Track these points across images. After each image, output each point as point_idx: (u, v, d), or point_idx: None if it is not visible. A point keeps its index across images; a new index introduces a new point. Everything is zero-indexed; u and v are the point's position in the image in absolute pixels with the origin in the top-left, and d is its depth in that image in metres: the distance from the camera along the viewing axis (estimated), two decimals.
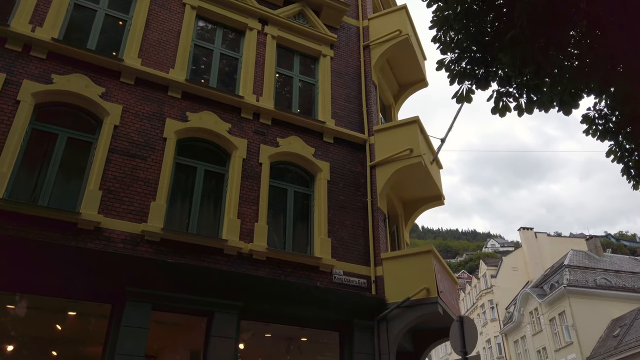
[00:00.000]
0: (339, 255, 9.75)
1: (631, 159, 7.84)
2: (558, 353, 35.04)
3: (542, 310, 37.45)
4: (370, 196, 10.70)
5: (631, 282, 36.35)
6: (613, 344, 29.90)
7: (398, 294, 9.31)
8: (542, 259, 47.25)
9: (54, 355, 7.70)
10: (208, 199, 9.35)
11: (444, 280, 9.97)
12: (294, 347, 9.12)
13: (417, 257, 9.70)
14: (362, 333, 9.11)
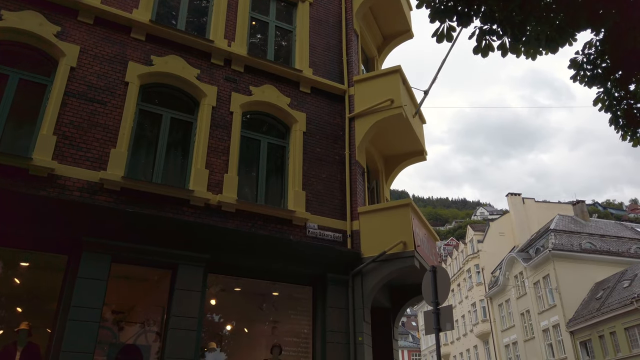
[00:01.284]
0: (314, 209, 9.37)
1: (620, 108, 7.45)
2: (541, 315, 35.57)
3: (526, 274, 37.81)
4: (348, 149, 10.26)
5: (616, 246, 36.67)
6: (595, 306, 30.31)
7: (374, 248, 8.99)
8: (528, 224, 47.50)
9: (6, 308, 7.32)
10: (174, 148, 8.85)
11: (422, 235, 9.65)
12: (266, 302, 8.81)
13: (394, 210, 9.34)
14: (336, 287, 8.83)
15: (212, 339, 8.00)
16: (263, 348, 8.41)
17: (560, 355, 33.00)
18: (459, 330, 52.81)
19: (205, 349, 7.81)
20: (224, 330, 8.36)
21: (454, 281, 54.73)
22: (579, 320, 30.90)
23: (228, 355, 8.27)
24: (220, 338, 8.15)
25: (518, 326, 39.31)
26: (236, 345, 8.32)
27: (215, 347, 7.90)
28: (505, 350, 41.85)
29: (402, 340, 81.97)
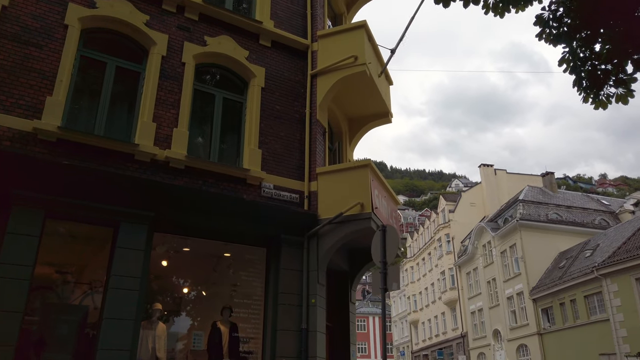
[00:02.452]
0: (270, 168, 8.98)
1: (584, 69, 7.19)
2: (506, 283, 36.40)
3: (494, 243, 38.48)
4: (309, 107, 9.82)
5: (581, 217, 37.49)
6: (558, 274, 31.07)
7: (332, 210, 8.70)
8: (499, 195, 48.16)
9: None
10: (120, 99, 8.28)
11: (382, 198, 9.40)
12: (217, 263, 8.49)
13: (353, 171, 9.03)
14: (291, 249, 8.55)
15: (157, 300, 7.67)
16: (213, 310, 8.13)
17: (523, 321, 33.97)
18: (427, 297, 53.98)
19: (150, 310, 7.48)
20: (172, 291, 8.03)
21: (425, 249, 55.63)
22: (542, 288, 31.71)
23: (176, 316, 7.97)
24: (166, 299, 7.82)
25: (484, 294, 40.25)
26: (184, 306, 8.02)
27: (161, 308, 7.57)
28: (471, 317, 42.95)
29: (374, 307, 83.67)
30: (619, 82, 6.97)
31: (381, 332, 14.85)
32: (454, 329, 46.50)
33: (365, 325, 77.96)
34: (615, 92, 6.98)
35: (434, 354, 50.48)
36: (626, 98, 7.03)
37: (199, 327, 8.01)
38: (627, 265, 24.04)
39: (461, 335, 44.40)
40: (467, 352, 42.91)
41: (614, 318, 24.79)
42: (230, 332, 7.95)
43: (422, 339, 55.41)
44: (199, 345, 7.67)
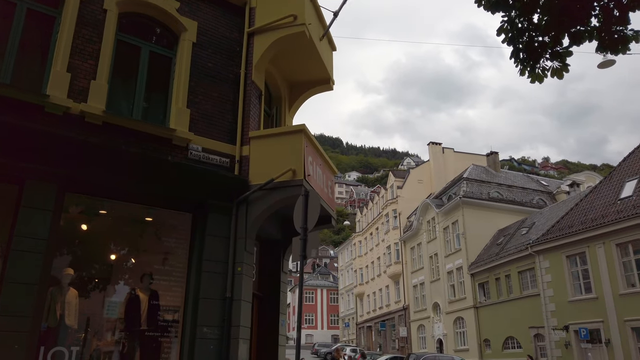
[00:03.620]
0: (200, 130, 8.48)
1: (522, 40, 7.05)
2: (447, 259, 37.52)
3: (438, 219, 39.43)
4: (244, 67, 9.31)
5: (521, 196, 38.91)
6: (495, 251, 32.24)
7: (264, 176, 8.33)
8: (446, 172, 49.24)
9: None
10: (31, 46, 7.48)
11: (316, 166, 9.11)
12: (138, 227, 7.97)
13: (287, 136, 8.66)
14: (219, 215, 8.16)
15: (69, 265, 7.11)
16: (132, 276, 7.67)
17: (461, 295, 35.22)
18: (374, 271, 55.06)
19: (60, 275, 6.93)
20: (86, 256, 7.48)
21: (373, 224, 56.45)
22: (480, 263, 32.85)
23: (90, 283, 7.45)
24: (80, 264, 7.27)
25: (426, 268, 41.39)
26: (100, 272, 7.50)
27: (72, 273, 7.03)
28: (413, 290, 44.19)
29: (323, 280, 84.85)
30: (554, 55, 6.89)
31: (298, 302, 13.73)
32: (396, 301, 47.78)
33: (313, 297, 79.06)
34: (551, 65, 6.92)
35: (377, 325, 51.84)
36: (561, 72, 6.98)
37: (116, 295, 7.53)
38: (559, 243, 25.14)
39: (403, 308, 45.70)
40: (407, 324, 44.26)
41: (544, 293, 26.00)
42: (150, 300, 7.53)
43: (367, 311, 56.73)
44: (113, 314, 7.22)
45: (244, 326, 7.75)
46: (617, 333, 21.67)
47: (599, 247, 23.04)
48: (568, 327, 23.86)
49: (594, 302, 23.01)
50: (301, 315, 6.60)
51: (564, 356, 24.31)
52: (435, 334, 38.79)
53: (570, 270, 24.74)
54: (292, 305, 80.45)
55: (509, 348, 29.70)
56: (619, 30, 6.82)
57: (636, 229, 21.35)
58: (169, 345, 7.53)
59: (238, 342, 7.52)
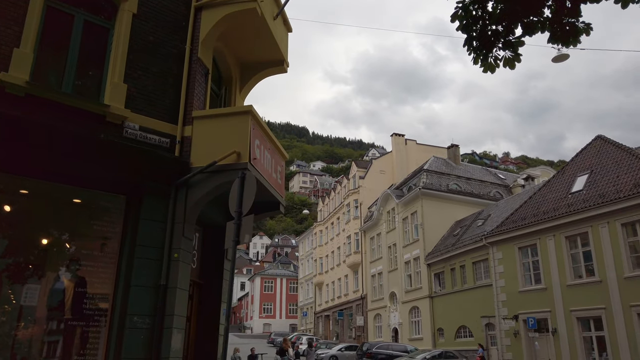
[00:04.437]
0: (138, 107, 7.93)
1: (476, 28, 6.90)
2: (405, 249, 37.87)
3: (398, 210, 39.71)
4: (190, 43, 8.79)
5: (478, 189, 39.60)
6: (452, 242, 32.71)
7: (207, 158, 7.88)
8: (408, 164, 49.67)
9: None
10: None
11: (264, 149, 8.72)
12: (64, 209, 7.40)
13: (233, 117, 8.24)
14: (155, 198, 7.68)
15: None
16: (56, 261, 7.11)
17: (417, 285, 35.65)
18: (333, 260, 55.18)
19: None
20: (4, 238, 6.88)
21: (334, 214, 56.47)
22: (436, 254, 33.28)
23: (9, 267, 6.86)
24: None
25: (385, 258, 41.72)
26: (21, 257, 6.92)
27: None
28: (371, 280, 44.51)
29: (283, 269, 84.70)
30: (507, 45, 6.83)
31: (229, 290, 13.04)
32: (355, 291, 48.07)
33: (273, 286, 78.86)
34: (504, 55, 6.86)
35: (334, 314, 52.07)
36: (513, 62, 6.93)
37: (39, 281, 6.97)
38: (512, 234, 25.67)
39: (361, 297, 46.01)
40: (365, 313, 44.60)
41: (496, 283, 26.56)
42: (76, 287, 7.01)
43: (325, 300, 56.91)
44: (34, 302, 6.67)
45: (179, 315, 7.34)
46: (564, 322, 22.35)
47: (550, 240, 23.63)
48: (518, 317, 24.45)
49: (542, 293, 23.63)
50: (230, 305, 6.25)
51: (513, 345, 24.93)
52: (391, 323, 39.22)
53: (522, 261, 25.32)
54: (251, 295, 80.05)
55: (461, 337, 30.30)
56: (571, 22, 6.79)
57: (585, 222, 21.98)
58: (96, 336, 7.04)
59: (171, 331, 7.11)
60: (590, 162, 24.62)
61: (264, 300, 77.15)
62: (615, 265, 20.51)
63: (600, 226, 21.34)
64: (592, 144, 25.73)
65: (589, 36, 6.75)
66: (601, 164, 23.73)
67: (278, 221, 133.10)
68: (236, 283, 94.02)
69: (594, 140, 25.85)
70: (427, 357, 23.76)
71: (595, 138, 25.87)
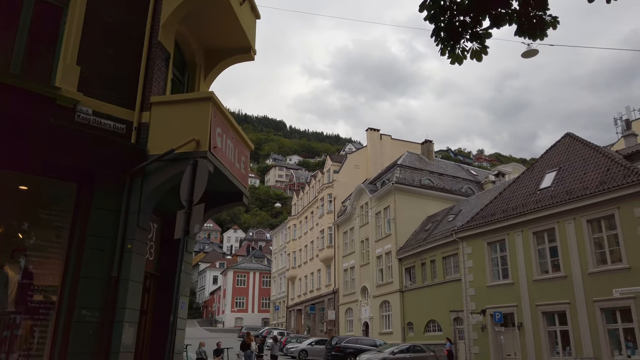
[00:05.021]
0: (92, 91, 7.55)
1: (444, 19, 6.80)
2: (378, 243, 37.99)
3: (371, 204, 39.78)
4: (150, 25, 8.43)
5: (451, 184, 39.96)
6: (423, 236, 32.92)
7: (165, 146, 7.57)
8: (382, 158, 49.80)
9: None
10: None
11: (227, 138, 8.44)
12: (10, 197, 7.02)
13: (193, 104, 7.93)
14: (109, 187, 7.34)
15: None
16: (1, 252, 6.73)
17: (388, 279, 35.83)
18: (307, 254, 55.08)
19: None
20: None
21: (308, 208, 56.31)
22: (408, 248, 33.46)
23: None
24: None
25: (357, 252, 41.79)
26: None
27: None
28: (343, 274, 44.56)
29: (257, 263, 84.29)
30: (474, 36, 6.76)
31: (176, 283, 12.96)
32: (327, 285, 48.09)
33: (246, 280, 78.41)
34: (471, 46, 6.81)
35: (306, 308, 52.04)
36: (480, 54, 6.87)
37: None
38: (481, 230, 25.94)
39: (333, 292, 46.06)
40: (336, 307, 44.67)
41: (465, 278, 26.83)
42: (21, 278, 6.65)
43: (298, 294, 56.82)
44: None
45: (131, 308, 7.05)
46: (529, 317, 22.71)
47: (518, 235, 23.95)
48: (485, 311, 24.75)
49: (510, 288, 23.96)
50: (178, 298, 6.00)
51: (480, 339, 25.25)
52: (362, 317, 39.37)
53: (491, 256, 25.62)
54: (223, 289, 79.44)
55: (430, 331, 30.58)
56: (538, 15, 6.76)
57: (552, 218, 22.33)
58: (42, 329, 6.70)
59: (122, 325, 6.82)
60: (559, 159, 25.01)
61: (236, 294, 76.65)
62: (580, 260, 20.91)
63: (567, 222, 21.71)
64: (561, 141, 26.14)
65: (555, 30, 6.73)
66: (569, 161, 24.13)
67: (253, 215, 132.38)
68: (209, 277, 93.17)
69: (563, 137, 26.26)
70: (395, 351, 23.88)
71: (565, 135, 26.29)
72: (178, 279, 6.17)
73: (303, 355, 32.31)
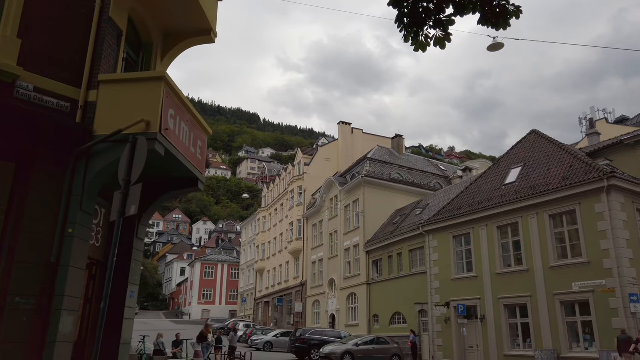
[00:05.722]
0: (34, 66, 7.09)
1: (407, 4, 6.68)
2: (346, 236, 37.99)
3: (340, 197, 39.73)
4: (101, 1, 7.99)
5: (420, 179, 40.23)
6: (391, 229, 33.05)
7: (112, 126, 7.17)
8: (353, 152, 49.79)
9: None
10: None
11: (181, 121, 8.08)
12: None
13: (144, 83, 7.55)
14: (50, 168, 6.93)
15: None
16: None
17: (355, 272, 35.89)
18: (275, 246, 54.78)
19: None
20: None
21: (279, 200, 55.95)
22: (375, 241, 33.55)
23: None
24: None
25: (326, 245, 41.74)
26: None
27: None
28: (312, 267, 44.48)
29: (226, 255, 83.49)
30: (437, 23, 6.67)
31: (109, 269, 12.22)
32: (295, 277, 47.95)
33: (214, 272, 77.62)
34: (434, 33, 6.73)
35: (274, 301, 51.81)
36: (444, 42, 6.80)
37: None
38: (447, 223, 26.14)
39: (301, 284, 45.95)
40: (304, 299, 44.58)
41: (430, 271, 27.03)
42: None
43: (266, 286, 56.53)
44: None
45: (71, 296, 6.68)
46: (492, 309, 23.02)
47: (482, 229, 24.23)
48: (449, 304, 25.00)
49: (474, 281, 24.24)
50: (109, 285, 5.68)
51: (444, 331, 25.51)
52: (329, 309, 39.39)
53: (456, 250, 25.86)
54: (191, 280, 78.45)
55: (395, 323, 30.77)
56: (501, 4, 6.70)
57: (516, 213, 22.64)
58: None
59: (61, 313, 6.45)
60: (524, 155, 25.36)
61: (203, 286, 75.78)
62: (542, 255, 21.26)
63: (530, 217, 22.04)
64: (527, 137, 26.51)
65: (519, 19, 6.68)
66: (534, 157, 24.49)
67: (224, 207, 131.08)
68: (176, 269, 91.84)
69: (528, 134, 26.64)
70: (358, 342, 23.90)
71: (530, 132, 26.66)
72: (111, 264, 5.84)
73: (268, 347, 32.10)
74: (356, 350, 23.38)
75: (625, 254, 18.71)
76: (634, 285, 18.37)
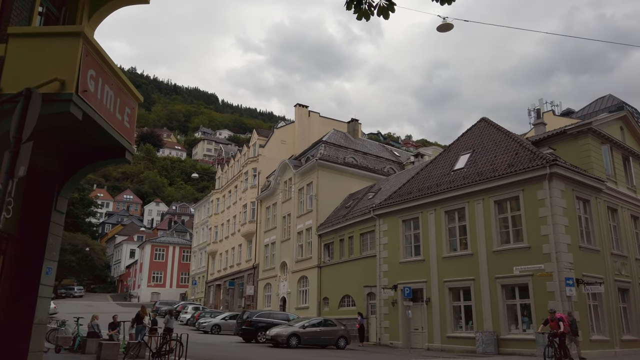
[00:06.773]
0: None
1: None
2: (299, 219, 37.77)
3: (295, 180, 39.38)
4: None
5: (374, 164, 40.37)
6: (343, 213, 33.03)
7: (22, 85, 6.44)
8: (309, 135, 49.36)
9: None
10: None
11: (104, 84, 7.45)
12: None
13: (59, 38, 6.84)
14: None
15: None
16: None
17: (307, 255, 35.80)
18: (229, 229, 53.97)
19: None
20: None
21: (232, 182, 55.00)
22: (327, 225, 33.49)
23: None
24: None
25: (279, 228, 41.41)
26: None
27: None
28: (264, 249, 44.10)
29: (179, 237, 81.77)
30: None
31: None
32: (247, 260, 47.48)
33: (164, 254, 76.03)
34: (378, 2, 6.53)
35: (226, 284, 51.22)
36: (387, 11, 6.62)
37: None
38: (397, 207, 26.30)
39: (253, 267, 45.55)
40: (256, 282, 44.24)
41: (380, 254, 27.20)
42: None
43: (218, 269, 55.82)
44: None
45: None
46: (437, 292, 23.41)
47: (431, 214, 24.50)
48: (397, 287, 25.25)
49: (421, 264, 24.55)
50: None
51: (390, 313, 25.80)
52: (280, 292, 39.23)
53: (405, 233, 26.09)
54: (140, 262, 76.54)
55: (344, 306, 30.93)
56: None
57: (463, 198, 22.97)
58: None
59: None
60: (473, 141, 25.73)
61: (153, 269, 74.08)
62: (487, 239, 21.71)
63: (476, 202, 22.42)
64: (476, 125, 26.90)
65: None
66: (482, 144, 24.87)
67: (177, 188, 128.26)
68: (125, 250, 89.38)
69: (478, 122, 27.03)
70: (305, 325, 23.80)
71: (480, 120, 27.07)
72: None
73: (216, 330, 31.64)
74: (303, 332, 23.29)
75: (563, 240, 19.32)
76: (570, 269, 19.01)
